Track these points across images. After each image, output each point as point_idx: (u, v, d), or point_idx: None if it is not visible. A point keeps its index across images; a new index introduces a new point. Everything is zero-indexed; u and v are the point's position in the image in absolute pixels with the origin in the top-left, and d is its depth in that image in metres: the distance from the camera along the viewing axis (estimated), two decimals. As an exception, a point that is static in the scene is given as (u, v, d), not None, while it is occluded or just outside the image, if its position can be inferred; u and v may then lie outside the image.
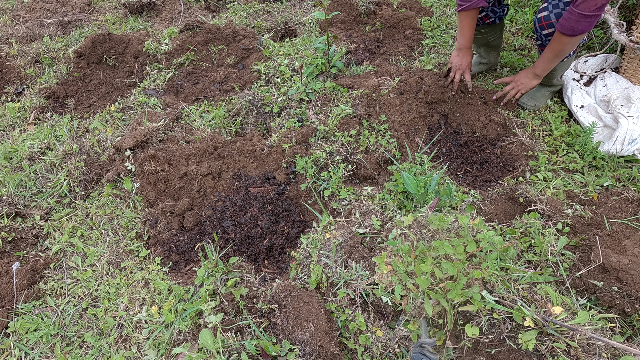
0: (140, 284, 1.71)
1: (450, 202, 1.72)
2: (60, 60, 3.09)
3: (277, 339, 1.39)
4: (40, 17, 3.64)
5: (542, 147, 2.10)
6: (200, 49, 2.92)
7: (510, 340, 1.26)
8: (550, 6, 1.94)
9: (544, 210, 1.73)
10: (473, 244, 1.27)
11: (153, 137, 2.16)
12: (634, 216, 1.69)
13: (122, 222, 1.95)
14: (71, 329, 1.61)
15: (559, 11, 1.90)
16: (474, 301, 1.23)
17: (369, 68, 2.56)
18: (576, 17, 1.75)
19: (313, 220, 1.83)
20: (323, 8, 2.33)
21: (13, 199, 2.06)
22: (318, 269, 1.56)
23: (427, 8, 3.21)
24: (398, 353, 1.41)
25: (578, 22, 1.76)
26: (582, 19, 1.74)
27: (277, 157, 2.08)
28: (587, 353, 1.20)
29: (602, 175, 1.94)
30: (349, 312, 1.48)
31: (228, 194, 1.98)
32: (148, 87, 2.76)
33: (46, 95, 2.77)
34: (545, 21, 1.97)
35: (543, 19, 1.98)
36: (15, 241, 1.91)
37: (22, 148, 2.34)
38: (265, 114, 2.35)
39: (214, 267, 1.61)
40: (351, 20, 3.07)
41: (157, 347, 1.49)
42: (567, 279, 1.49)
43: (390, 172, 1.95)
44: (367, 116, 2.12)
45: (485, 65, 2.58)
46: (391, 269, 1.36)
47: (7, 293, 1.70)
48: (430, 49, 2.82)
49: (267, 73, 2.63)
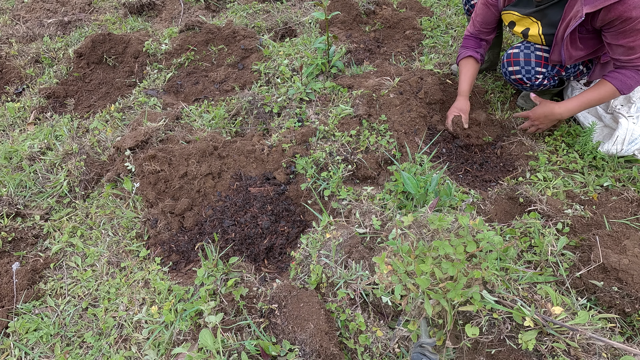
0: (140, 284, 1.71)
1: (450, 202, 1.72)
2: (60, 60, 3.09)
3: (277, 339, 1.39)
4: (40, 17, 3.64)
5: (542, 147, 2.10)
6: (200, 49, 2.92)
7: (510, 340, 1.26)
8: (522, 47, 2.01)
9: (544, 210, 1.73)
10: (473, 244, 1.27)
11: (153, 137, 2.16)
12: (634, 216, 1.69)
13: (122, 222, 1.95)
14: (71, 329, 1.61)
15: (528, 52, 1.98)
16: (474, 301, 1.23)
17: (369, 68, 2.56)
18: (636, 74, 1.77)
19: (313, 220, 1.83)
20: (323, 8, 2.33)
21: (13, 199, 2.06)
22: (318, 269, 1.56)
23: (427, 8, 3.22)
24: (398, 353, 1.41)
25: (633, 79, 1.78)
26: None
27: (277, 157, 2.08)
28: (587, 353, 1.20)
29: (602, 175, 1.94)
30: (349, 312, 1.48)
31: (228, 194, 1.98)
32: (148, 87, 2.76)
33: (46, 95, 2.77)
34: (513, 58, 2.03)
35: (512, 55, 2.03)
36: (15, 241, 1.91)
37: (22, 148, 2.34)
38: (265, 114, 2.35)
39: (214, 267, 1.61)
40: (351, 20, 3.07)
41: (157, 347, 1.49)
42: (567, 279, 1.49)
43: (390, 172, 1.95)
44: (367, 116, 2.12)
45: (486, 64, 2.58)
46: (391, 269, 1.36)
47: (7, 293, 1.70)
48: (430, 49, 2.82)
49: (267, 73, 2.63)
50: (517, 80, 2.07)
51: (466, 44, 2.21)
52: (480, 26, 2.13)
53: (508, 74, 2.08)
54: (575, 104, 1.91)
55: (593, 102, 1.88)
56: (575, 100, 1.91)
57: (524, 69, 2.00)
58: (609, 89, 1.82)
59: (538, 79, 2.02)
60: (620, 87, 1.79)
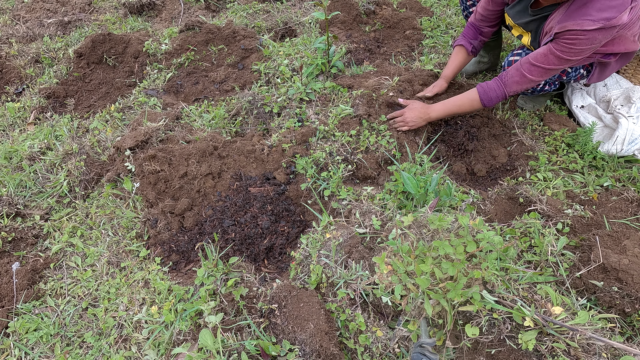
0: (140, 284, 1.71)
1: (450, 202, 1.72)
2: (60, 60, 3.09)
3: (277, 339, 1.39)
4: (40, 17, 3.64)
5: (542, 147, 2.10)
6: (200, 49, 2.92)
7: (510, 340, 1.26)
8: (523, 53, 2.00)
9: (544, 210, 1.73)
10: (473, 244, 1.27)
11: (153, 137, 2.16)
12: (634, 216, 1.69)
13: (122, 222, 1.95)
14: (71, 329, 1.61)
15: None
16: (474, 301, 1.23)
17: (369, 68, 2.56)
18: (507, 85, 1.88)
19: (313, 220, 1.83)
20: (323, 8, 2.33)
21: (13, 199, 2.06)
22: (318, 269, 1.56)
23: (427, 8, 3.21)
24: (398, 353, 1.41)
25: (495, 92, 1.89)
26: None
27: (277, 157, 2.08)
28: (587, 353, 1.20)
29: (602, 175, 1.94)
30: (349, 312, 1.48)
31: (228, 194, 1.98)
32: (148, 87, 2.76)
33: (46, 95, 2.77)
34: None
35: (514, 62, 2.01)
36: (15, 241, 1.91)
37: (22, 148, 2.34)
38: (265, 114, 2.35)
39: (214, 267, 1.61)
40: (351, 20, 3.07)
41: (157, 347, 1.49)
42: (567, 279, 1.49)
43: (390, 172, 1.95)
44: (367, 116, 2.12)
45: (486, 65, 2.58)
46: (391, 269, 1.36)
47: (7, 293, 1.70)
48: (430, 49, 2.82)
49: (267, 73, 2.63)
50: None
51: (465, 32, 2.22)
52: (481, 18, 2.12)
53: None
54: (442, 109, 2.02)
55: (457, 109, 2.00)
56: (441, 105, 2.02)
57: None
58: (473, 97, 1.94)
59: (540, 84, 2.01)
60: (482, 98, 1.91)
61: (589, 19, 1.56)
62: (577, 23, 1.58)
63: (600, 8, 1.54)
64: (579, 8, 1.60)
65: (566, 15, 1.64)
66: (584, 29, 1.57)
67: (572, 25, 1.59)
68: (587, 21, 1.56)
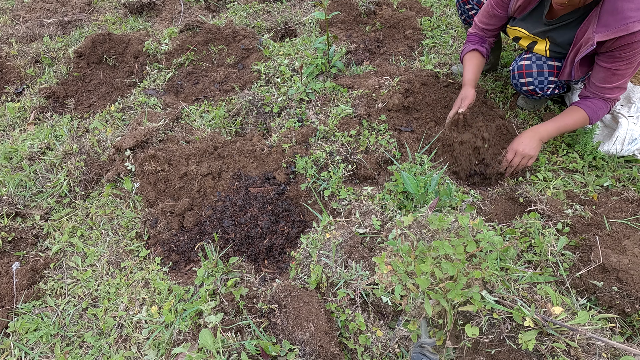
0: (140, 284, 1.71)
1: (450, 202, 1.72)
2: (60, 60, 3.09)
3: (277, 339, 1.39)
4: (40, 17, 3.64)
5: (542, 147, 2.10)
6: (200, 49, 2.92)
7: (510, 340, 1.26)
8: (534, 57, 1.96)
9: (544, 210, 1.73)
10: (473, 244, 1.27)
11: (153, 137, 2.16)
12: (634, 216, 1.69)
13: (122, 222, 1.95)
14: (71, 329, 1.61)
15: (540, 63, 1.93)
16: (474, 301, 1.23)
17: (369, 68, 2.56)
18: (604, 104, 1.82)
19: (313, 220, 1.83)
20: (323, 8, 2.33)
21: (13, 199, 2.06)
22: (318, 269, 1.56)
23: (427, 8, 3.22)
24: (398, 353, 1.41)
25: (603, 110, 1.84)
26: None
27: (277, 157, 2.08)
28: (587, 353, 1.20)
29: (602, 175, 1.94)
30: (349, 312, 1.48)
31: (228, 194, 1.98)
32: (148, 87, 2.76)
33: (46, 95, 2.77)
34: (526, 70, 1.98)
35: (524, 67, 1.98)
36: (15, 241, 1.91)
37: (22, 148, 2.34)
38: (265, 114, 2.35)
39: (214, 267, 1.61)
40: (351, 20, 3.07)
41: (157, 347, 1.49)
42: (567, 279, 1.49)
43: (390, 172, 1.95)
44: (367, 116, 2.12)
45: (486, 66, 2.58)
46: (391, 269, 1.36)
47: (7, 293, 1.70)
48: (431, 49, 2.82)
49: (267, 73, 2.63)
50: (529, 91, 2.03)
51: (471, 40, 2.16)
52: (483, 30, 2.10)
53: (519, 85, 2.03)
54: (553, 128, 1.89)
55: (568, 128, 1.90)
56: (552, 123, 1.89)
57: (537, 80, 1.96)
58: (582, 116, 1.85)
59: (550, 88, 1.99)
60: (591, 116, 1.84)
61: (632, 21, 1.52)
62: (621, 29, 1.54)
63: (636, 8, 1.51)
64: (611, 14, 1.56)
65: (601, 24, 1.59)
66: (632, 31, 1.53)
67: (615, 32, 1.55)
68: (632, 23, 1.52)
